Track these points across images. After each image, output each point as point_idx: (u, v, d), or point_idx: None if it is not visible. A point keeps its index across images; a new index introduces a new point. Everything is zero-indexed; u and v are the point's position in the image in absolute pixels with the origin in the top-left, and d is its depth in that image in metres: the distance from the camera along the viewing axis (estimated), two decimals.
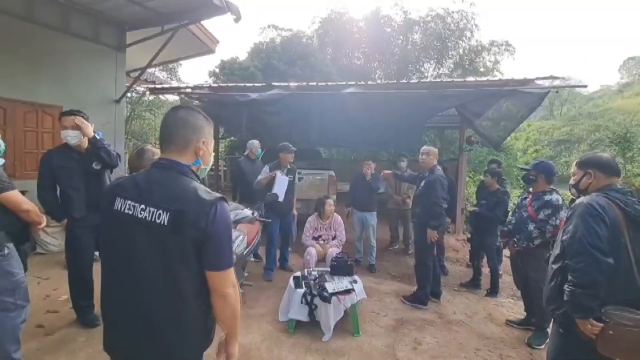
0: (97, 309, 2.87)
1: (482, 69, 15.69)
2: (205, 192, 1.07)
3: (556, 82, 4.65)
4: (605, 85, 42.43)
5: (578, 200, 1.61)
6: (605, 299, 1.45)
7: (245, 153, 4.76)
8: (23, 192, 2.19)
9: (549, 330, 2.76)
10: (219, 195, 1.09)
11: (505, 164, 11.27)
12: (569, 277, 1.51)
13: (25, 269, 2.18)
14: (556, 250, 1.67)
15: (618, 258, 1.45)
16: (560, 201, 2.79)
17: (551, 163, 2.95)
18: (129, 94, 14.60)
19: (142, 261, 1.04)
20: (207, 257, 1.06)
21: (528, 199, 2.97)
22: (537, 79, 4.82)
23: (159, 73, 14.93)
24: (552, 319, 1.73)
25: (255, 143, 4.70)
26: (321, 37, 15.86)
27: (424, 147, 3.65)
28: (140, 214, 1.04)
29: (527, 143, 23.52)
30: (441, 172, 3.49)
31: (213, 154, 1.23)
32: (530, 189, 3.02)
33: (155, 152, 2.35)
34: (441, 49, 15.65)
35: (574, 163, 1.79)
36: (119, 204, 1.08)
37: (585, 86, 4.88)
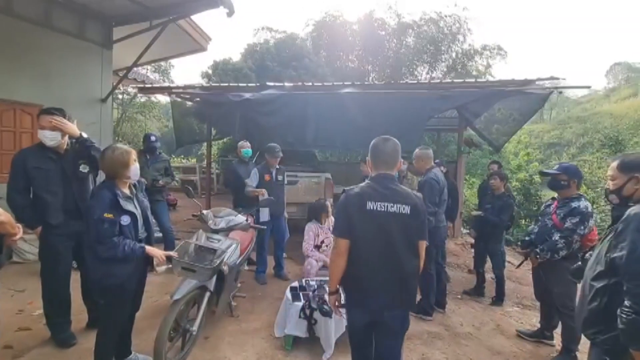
0: (75, 325, 2.62)
1: (474, 73, 15.76)
2: (413, 192, 1.77)
3: (552, 83, 4.57)
4: (593, 90, 43.28)
5: (632, 211, 1.37)
6: None
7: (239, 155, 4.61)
8: None
9: (578, 354, 2.59)
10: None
11: None
12: (627, 303, 1.29)
13: None
14: (598, 267, 1.47)
15: None
16: (590, 208, 2.55)
17: (577, 166, 2.74)
18: (120, 96, 14.31)
19: (396, 236, 1.64)
20: (420, 232, 1.71)
21: (553, 206, 2.74)
22: (538, 79, 4.73)
23: (151, 74, 14.60)
24: (591, 344, 1.52)
25: (241, 144, 4.51)
26: (315, 40, 15.74)
27: (415, 151, 3.41)
28: (391, 209, 1.64)
29: (518, 146, 23.76)
30: (433, 175, 3.23)
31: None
32: (556, 195, 2.78)
33: (128, 150, 2.05)
34: (434, 52, 15.68)
35: (614, 165, 1.60)
36: (371, 205, 1.63)
37: (588, 87, 4.82)
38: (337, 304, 1.79)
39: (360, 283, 1.66)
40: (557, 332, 2.92)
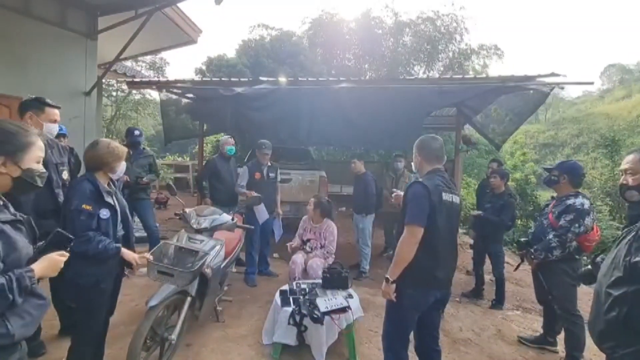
0: (45, 333, 2.40)
1: (471, 72, 15.69)
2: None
3: (553, 80, 4.45)
4: (587, 91, 43.62)
5: None
6: None
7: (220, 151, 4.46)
8: None
9: None
10: None
11: None
12: None
13: None
14: (616, 272, 1.31)
15: None
16: (586, 206, 2.41)
17: (578, 163, 2.62)
18: (114, 93, 13.94)
19: (454, 223, 1.93)
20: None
21: (550, 205, 2.63)
22: (539, 76, 4.60)
23: (145, 71, 14.27)
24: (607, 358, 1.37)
25: (225, 140, 4.38)
26: (311, 38, 15.53)
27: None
28: (454, 200, 1.88)
29: (514, 146, 23.79)
30: None
31: None
32: (554, 194, 2.68)
33: (124, 148, 2.00)
34: (431, 51, 15.55)
35: (635, 159, 1.46)
36: (445, 196, 1.82)
37: (591, 82, 4.66)
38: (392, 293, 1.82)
39: (438, 265, 1.82)
40: (560, 337, 2.77)
